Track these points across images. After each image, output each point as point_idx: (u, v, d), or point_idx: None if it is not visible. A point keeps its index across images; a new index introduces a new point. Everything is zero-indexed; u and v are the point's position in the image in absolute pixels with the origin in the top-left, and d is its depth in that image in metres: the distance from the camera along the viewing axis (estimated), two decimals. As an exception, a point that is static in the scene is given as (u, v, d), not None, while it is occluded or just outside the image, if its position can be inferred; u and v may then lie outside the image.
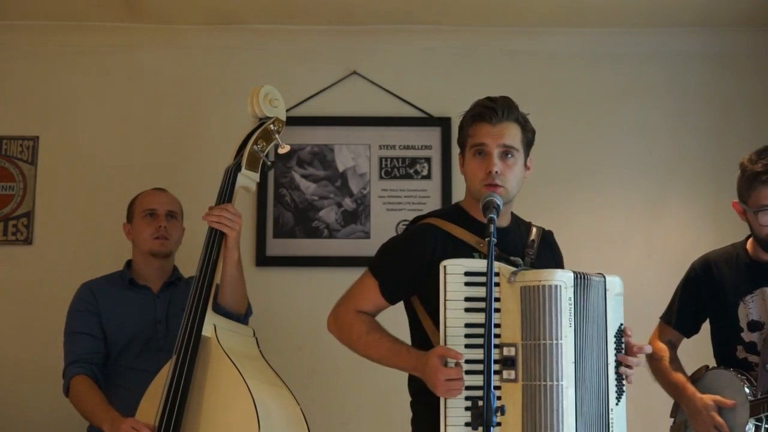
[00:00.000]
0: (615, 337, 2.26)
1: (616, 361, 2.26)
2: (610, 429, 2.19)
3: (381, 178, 3.87)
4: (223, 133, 3.83)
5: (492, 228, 2.11)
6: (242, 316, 2.87)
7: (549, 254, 2.45)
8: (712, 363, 2.84)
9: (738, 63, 3.97)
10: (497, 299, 2.19)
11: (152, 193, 3.14)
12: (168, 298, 3.04)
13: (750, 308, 2.67)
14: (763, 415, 2.55)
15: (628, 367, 2.28)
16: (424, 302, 2.35)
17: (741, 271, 2.73)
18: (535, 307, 2.15)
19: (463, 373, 2.14)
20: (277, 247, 3.80)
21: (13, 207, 3.80)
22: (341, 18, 3.86)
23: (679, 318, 2.88)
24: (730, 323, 2.71)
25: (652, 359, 2.87)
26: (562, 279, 2.17)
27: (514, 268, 2.22)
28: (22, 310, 3.73)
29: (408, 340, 2.43)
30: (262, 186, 3.81)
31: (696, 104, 3.95)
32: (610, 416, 2.19)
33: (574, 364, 2.15)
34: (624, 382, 2.28)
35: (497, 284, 2.18)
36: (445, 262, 2.20)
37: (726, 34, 3.94)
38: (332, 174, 3.87)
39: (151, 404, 2.61)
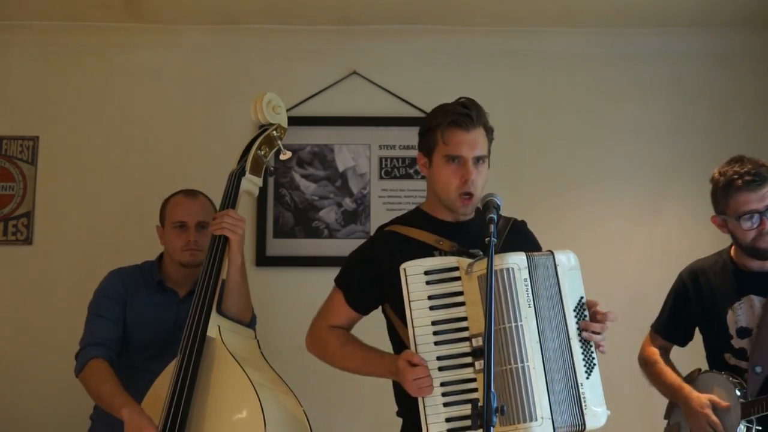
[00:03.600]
0: (575, 311, 2.23)
1: (579, 332, 2.22)
2: (582, 403, 2.17)
3: (381, 178, 3.87)
4: (224, 132, 3.83)
5: (492, 228, 2.12)
6: (247, 326, 2.86)
7: (520, 243, 2.40)
8: (705, 367, 2.85)
9: (738, 63, 3.97)
10: (460, 293, 2.21)
11: (183, 202, 3.03)
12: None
13: (738, 315, 2.70)
14: (753, 417, 2.57)
15: (594, 333, 2.22)
16: (394, 308, 2.38)
17: (727, 280, 2.76)
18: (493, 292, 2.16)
19: (437, 370, 2.19)
20: (277, 247, 3.80)
21: (13, 207, 3.80)
22: (341, 18, 3.86)
23: (669, 328, 2.92)
24: (719, 331, 2.74)
25: (647, 364, 2.91)
26: (515, 261, 2.19)
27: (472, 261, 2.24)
28: (22, 310, 3.73)
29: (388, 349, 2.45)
30: (262, 186, 3.81)
31: (696, 104, 3.95)
32: (581, 390, 2.17)
33: (539, 344, 2.16)
34: (594, 354, 2.23)
35: (458, 278, 2.22)
36: (404, 265, 2.24)
37: (725, 34, 3.94)
38: (332, 174, 3.87)
39: (153, 404, 2.61)
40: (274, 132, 2.90)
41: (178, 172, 3.79)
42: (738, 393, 2.62)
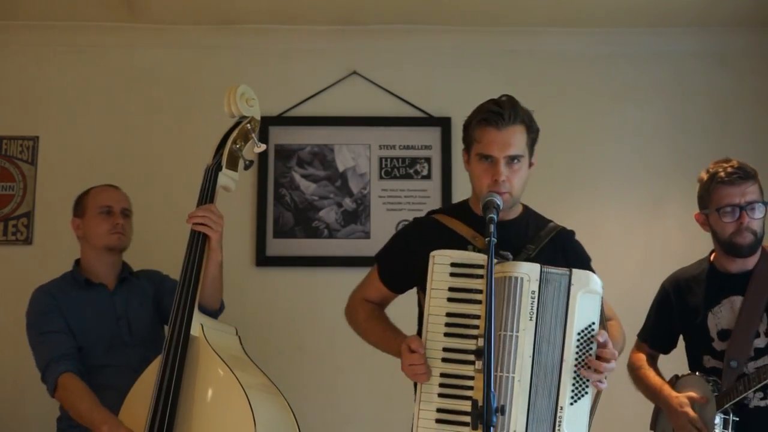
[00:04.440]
0: (580, 335, 2.22)
1: (577, 358, 2.21)
2: (557, 426, 2.17)
3: (381, 178, 3.87)
4: (223, 133, 3.83)
5: (492, 228, 2.12)
6: (216, 312, 2.87)
7: (560, 253, 2.42)
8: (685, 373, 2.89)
9: (737, 62, 3.98)
10: (479, 291, 2.21)
11: (108, 190, 3.13)
12: (125, 294, 3.05)
13: (719, 318, 2.73)
14: (729, 408, 2.62)
15: (595, 371, 2.20)
16: (424, 293, 2.39)
17: (708, 284, 2.79)
18: (499, 297, 2.18)
19: (440, 360, 2.21)
20: (277, 247, 3.80)
21: (13, 207, 3.80)
22: (341, 18, 3.86)
23: (654, 337, 2.96)
24: (701, 335, 2.77)
25: (633, 369, 2.94)
26: (526, 272, 2.19)
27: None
28: (22, 311, 3.71)
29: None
30: (262, 186, 3.81)
31: (695, 104, 3.95)
32: (558, 414, 2.17)
33: (531, 358, 2.17)
34: (587, 384, 2.22)
35: (481, 276, 2.21)
36: (434, 252, 2.28)
37: (725, 34, 3.94)
38: (332, 174, 3.87)
39: (136, 405, 2.60)
40: (248, 125, 2.86)
41: (178, 172, 3.79)
42: (711, 387, 2.67)
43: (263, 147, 2.90)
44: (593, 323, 2.24)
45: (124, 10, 3.76)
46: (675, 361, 2.96)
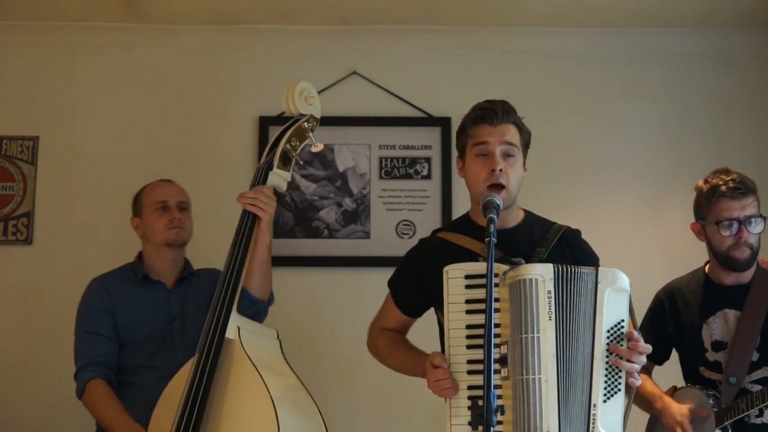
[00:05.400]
0: (609, 332, 2.22)
1: (608, 354, 2.21)
2: (591, 424, 2.16)
3: (381, 178, 3.87)
4: (224, 132, 3.84)
5: (492, 228, 2.12)
6: (265, 303, 2.85)
7: (567, 252, 2.42)
8: (681, 385, 2.88)
9: (739, 62, 3.97)
10: (497, 299, 2.21)
11: (161, 185, 3.08)
12: (182, 294, 3.00)
13: (713, 329, 2.74)
14: (728, 424, 2.61)
15: (627, 360, 2.20)
16: (441, 310, 2.38)
17: (702, 295, 2.79)
18: (516, 301, 2.18)
19: (466, 373, 2.20)
20: (277, 247, 3.77)
21: (13, 207, 3.80)
22: (341, 18, 3.86)
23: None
24: (695, 346, 2.77)
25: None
26: (540, 272, 2.19)
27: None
28: (22, 310, 3.73)
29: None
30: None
31: (697, 104, 3.95)
32: (592, 411, 2.16)
33: (555, 357, 2.16)
34: (620, 380, 2.21)
35: (496, 285, 2.21)
36: (447, 267, 2.27)
37: (727, 34, 3.94)
38: (332, 174, 3.87)
39: (167, 407, 2.58)
40: (306, 123, 2.79)
41: (178, 172, 3.77)
42: (711, 402, 2.66)
43: (321, 147, 2.82)
44: (622, 320, 2.24)
45: (124, 10, 3.76)
46: (669, 373, 2.95)
